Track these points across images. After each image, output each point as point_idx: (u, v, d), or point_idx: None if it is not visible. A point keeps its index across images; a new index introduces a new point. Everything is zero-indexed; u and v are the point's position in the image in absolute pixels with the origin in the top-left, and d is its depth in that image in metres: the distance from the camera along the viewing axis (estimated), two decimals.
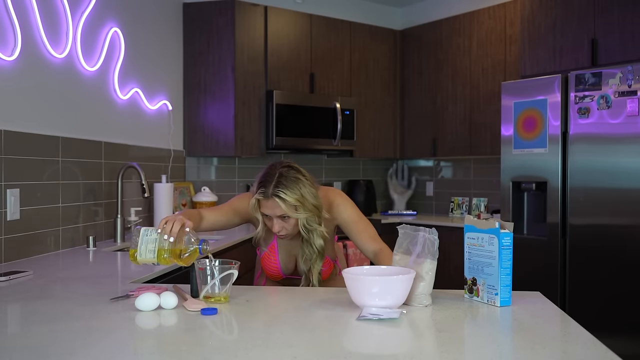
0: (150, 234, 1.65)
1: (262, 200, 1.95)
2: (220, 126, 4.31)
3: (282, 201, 1.91)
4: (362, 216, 2.11)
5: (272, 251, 2.12)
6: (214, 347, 1.23)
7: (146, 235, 1.65)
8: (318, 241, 2.01)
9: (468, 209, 4.93)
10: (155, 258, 1.64)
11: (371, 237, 2.05)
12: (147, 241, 1.64)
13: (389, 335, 1.33)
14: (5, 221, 2.41)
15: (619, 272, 3.24)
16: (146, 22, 3.80)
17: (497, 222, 1.58)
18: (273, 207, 1.93)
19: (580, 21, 3.64)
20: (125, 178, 3.31)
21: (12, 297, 1.76)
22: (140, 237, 1.65)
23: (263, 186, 1.93)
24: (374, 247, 2.02)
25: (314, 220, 1.98)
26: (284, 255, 2.12)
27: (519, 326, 1.45)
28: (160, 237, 1.64)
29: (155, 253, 1.63)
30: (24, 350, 1.22)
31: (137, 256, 1.65)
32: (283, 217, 1.95)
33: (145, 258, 1.64)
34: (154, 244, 1.64)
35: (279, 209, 1.92)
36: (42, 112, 2.73)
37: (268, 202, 1.93)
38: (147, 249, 1.64)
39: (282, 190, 1.90)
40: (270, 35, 4.44)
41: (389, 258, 1.95)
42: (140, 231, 1.66)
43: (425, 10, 5.19)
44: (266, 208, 1.95)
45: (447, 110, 4.81)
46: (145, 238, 1.65)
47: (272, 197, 1.91)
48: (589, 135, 3.38)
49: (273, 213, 1.95)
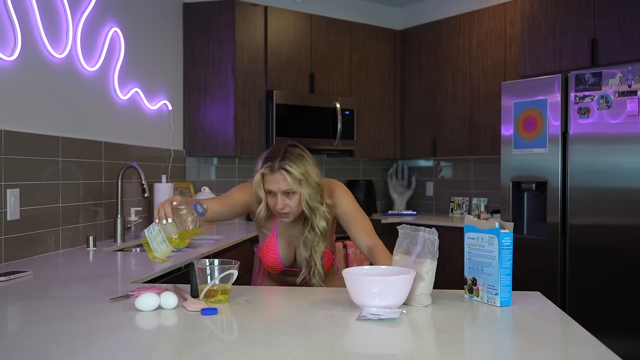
0: (153, 229, 1.68)
1: (268, 175, 1.95)
2: (220, 126, 4.31)
3: (288, 174, 1.92)
4: (361, 210, 2.12)
5: (272, 241, 2.11)
6: (214, 347, 1.23)
7: (151, 233, 1.68)
8: (321, 223, 2.02)
9: (468, 209, 4.93)
10: (170, 246, 1.67)
11: (367, 231, 2.06)
12: (154, 238, 1.67)
13: (389, 335, 1.33)
14: (5, 221, 2.41)
15: (619, 272, 3.24)
16: (146, 22, 3.80)
17: (497, 222, 1.58)
18: (279, 181, 1.94)
19: (580, 21, 3.64)
20: (125, 178, 3.31)
21: (12, 297, 1.76)
22: (148, 238, 1.68)
23: (269, 161, 1.95)
24: (368, 242, 2.03)
25: (316, 199, 1.99)
26: (283, 245, 2.11)
27: (519, 326, 1.45)
28: (161, 226, 1.66)
29: (166, 242, 1.66)
30: (24, 350, 1.22)
31: (156, 255, 1.69)
32: (287, 194, 1.95)
33: (162, 252, 1.68)
34: (160, 235, 1.66)
35: (284, 182, 1.93)
36: (42, 112, 2.73)
37: (274, 177, 1.94)
38: (158, 243, 1.67)
39: (288, 164, 1.93)
40: (270, 35, 4.44)
41: (382, 255, 1.96)
42: (145, 233, 1.69)
43: (425, 10, 5.19)
44: (271, 183, 1.95)
45: (447, 110, 4.81)
46: (152, 236, 1.68)
47: (278, 171, 1.93)
48: (589, 135, 3.38)
49: (278, 188, 1.95)
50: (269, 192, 1.98)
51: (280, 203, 1.96)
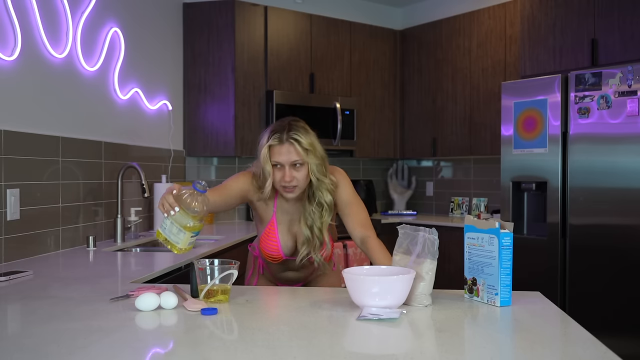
0: (165, 224, 1.69)
1: (276, 147, 1.95)
2: (220, 126, 4.31)
3: (298, 144, 1.93)
4: (359, 200, 2.11)
5: (272, 228, 2.09)
6: (214, 347, 1.23)
7: (165, 229, 1.69)
8: (327, 196, 2.02)
9: (468, 209, 4.93)
10: (187, 232, 1.68)
11: (361, 222, 2.06)
12: (169, 231, 1.68)
13: (389, 335, 1.33)
14: (5, 221, 2.41)
15: (619, 272, 3.24)
16: (146, 22, 3.80)
17: (497, 222, 1.58)
18: (289, 152, 1.94)
19: (580, 21, 3.64)
20: (125, 178, 3.31)
21: (12, 297, 1.76)
22: (164, 234, 1.70)
23: (276, 133, 1.95)
24: (361, 233, 2.03)
25: (322, 171, 2.00)
26: (284, 231, 2.09)
27: (519, 326, 1.45)
28: (171, 218, 1.67)
29: (182, 230, 1.67)
30: (24, 350, 1.22)
31: (178, 246, 1.70)
32: (295, 166, 1.95)
33: (183, 241, 1.69)
34: (174, 227, 1.67)
35: (293, 153, 1.94)
36: (42, 112, 2.73)
37: (283, 147, 1.94)
38: (176, 235, 1.68)
39: (296, 134, 1.94)
40: (270, 35, 4.44)
41: (375, 248, 1.96)
42: (160, 231, 1.70)
43: (425, 10, 5.19)
44: (280, 154, 1.95)
45: (447, 110, 4.81)
46: (166, 231, 1.69)
47: (287, 141, 1.94)
48: (589, 135, 3.38)
49: (288, 159, 1.94)
50: (276, 165, 1.97)
51: (288, 175, 1.95)
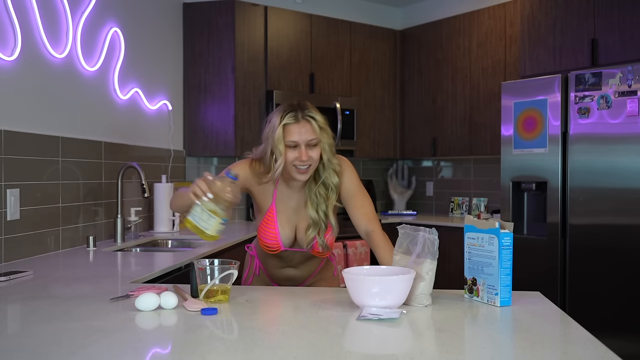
0: (195, 211, 1.68)
1: (292, 125, 1.90)
2: (220, 126, 4.31)
3: (314, 121, 1.91)
4: (364, 191, 2.08)
5: (270, 217, 2.03)
6: (214, 347, 1.23)
7: (195, 215, 1.67)
8: (334, 178, 2.00)
9: (468, 209, 4.93)
10: (217, 218, 1.67)
11: (367, 215, 2.03)
12: (199, 217, 1.67)
13: (389, 335, 1.33)
14: (5, 221, 2.41)
15: (619, 272, 3.24)
16: (146, 22, 3.80)
17: (497, 222, 1.58)
18: (306, 130, 1.90)
19: (580, 21, 3.64)
20: (125, 178, 3.31)
21: (12, 297, 1.76)
22: (193, 221, 1.68)
23: (290, 112, 1.91)
24: (367, 227, 2.01)
25: (333, 151, 1.98)
26: (283, 220, 2.03)
27: (519, 326, 1.45)
28: (202, 204, 1.66)
29: (212, 216, 1.66)
30: (24, 350, 1.22)
31: (208, 232, 1.68)
32: (310, 145, 1.92)
33: (213, 227, 1.68)
34: (205, 213, 1.66)
35: (310, 131, 1.91)
36: (42, 112, 2.73)
37: (299, 126, 1.90)
38: (205, 221, 1.67)
39: (310, 112, 1.92)
40: (270, 35, 4.44)
41: (379, 244, 1.95)
42: (190, 217, 1.69)
43: (425, 10, 5.19)
44: (296, 134, 1.90)
45: (447, 110, 4.81)
46: (196, 217, 1.67)
47: (303, 119, 1.90)
48: (589, 135, 3.38)
49: (304, 138, 1.90)
50: (290, 145, 1.92)
51: (304, 154, 1.90)
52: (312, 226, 2.02)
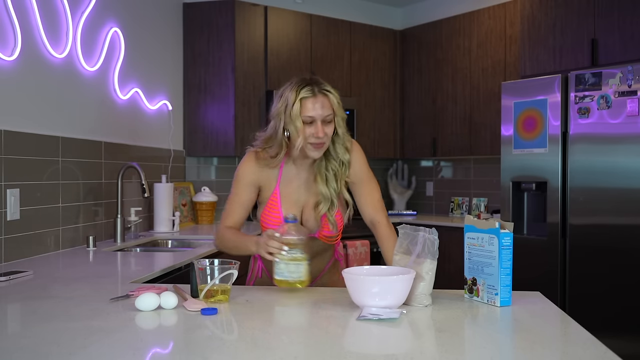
0: (278, 269, 1.71)
1: (309, 99, 1.84)
2: (220, 126, 4.31)
3: (332, 95, 1.87)
4: (373, 177, 2.03)
5: (274, 202, 1.96)
6: (214, 347, 1.23)
7: (281, 274, 1.71)
8: (345, 155, 1.95)
9: (468, 209, 4.93)
10: (302, 263, 1.71)
11: (374, 203, 2.00)
12: (286, 273, 1.71)
13: (389, 335, 1.33)
14: (5, 221, 2.41)
15: (619, 272, 3.24)
16: (146, 22, 3.80)
17: (497, 222, 1.58)
18: (323, 105, 1.85)
19: (580, 21, 3.64)
20: (125, 178, 3.31)
21: (12, 297, 1.76)
22: (282, 278, 1.71)
23: (305, 86, 1.85)
24: (373, 216, 1.99)
25: (346, 126, 1.93)
26: (288, 203, 1.96)
27: (519, 326, 1.45)
28: (284, 261, 1.70)
29: (297, 264, 1.70)
30: (24, 350, 1.22)
31: (303, 280, 1.72)
32: (325, 121, 1.86)
33: (303, 273, 1.71)
34: (290, 265, 1.70)
35: (327, 106, 1.86)
36: (42, 112, 2.73)
37: (316, 100, 1.85)
38: (292, 272, 1.70)
39: (326, 86, 1.88)
40: (270, 35, 4.44)
41: (383, 237, 1.95)
42: (277, 277, 1.72)
43: (425, 10, 5.19)
44: (313, 109, 1.84)
45: (447, 110, 4.81)
46: (283, 274, 1.71)
47: (320, 93, 1.85)
48: (589, 135, 3.38)
49: (321, 113, 1.84)
50: (307, 121, 1.85)
51: (321, 130, 1.84)
52: (323, 202, 1.94)
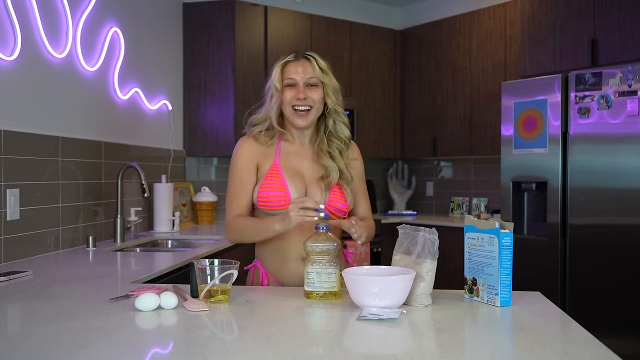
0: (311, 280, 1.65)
1: (291, 63, 1.88)
2: (220, 126, 4.31)
3: (315, 60, 1.88)
4: (365, 185, 2.08)
5: (275, 171, 1.89)
6: (214, 347, 1.23)
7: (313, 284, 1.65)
8: (345, 131, 1.95)
9: (468, 209, 4.93)
10: (336, 272, 1.65)
11: (367, 205, 2.07)
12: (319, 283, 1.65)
13: (389, 335, 1.33)
14: (5, 221, 2.41)
15: (620, 272, 3.24)
16: (146, 22, 3.80)
17: (497, 222, 1.58)
18: (304, 67, 1.87)
19: (580, 21, 3.64)
20: (125, 178, 3.31)
21: (12, 297, 1.76)
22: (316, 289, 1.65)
23: (291, 53, 1.91)
24: (363, 215, 2.05)
25: (338, 101, 1.93)
26: (291, 174, 1.89)
27: (519, 326, 1.45)
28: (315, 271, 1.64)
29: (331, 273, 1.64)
30: (24, 350, 1.22)
31: (335, 290, 1.66)
32: (310, 86, 1.87)
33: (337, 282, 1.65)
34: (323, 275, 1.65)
35: (309, 69, 1.87)
36: (42, 112, 2.73)
37: (298, 62, 1.88)
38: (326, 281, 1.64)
39: (313, 53, 1.91)
40: (270, 35, 4.44)
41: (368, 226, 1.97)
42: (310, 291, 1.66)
43: (425, 10, 5.19)
44: (294, 72, 1.87)
45: (447, 110, 4.81)
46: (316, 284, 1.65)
47: (303, 57, 1.89)
48: (589, 135, 3.38)
49: (302, 76, 1.87)
50: (289, 84, 1.87)
51: (302, 92, 1.85)
52: (333, 172, 1.90)
